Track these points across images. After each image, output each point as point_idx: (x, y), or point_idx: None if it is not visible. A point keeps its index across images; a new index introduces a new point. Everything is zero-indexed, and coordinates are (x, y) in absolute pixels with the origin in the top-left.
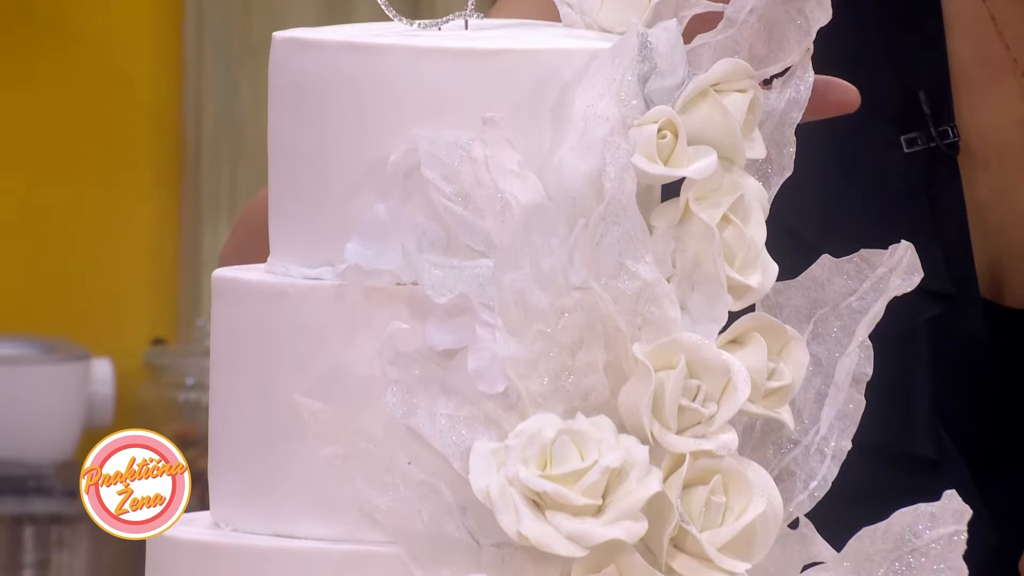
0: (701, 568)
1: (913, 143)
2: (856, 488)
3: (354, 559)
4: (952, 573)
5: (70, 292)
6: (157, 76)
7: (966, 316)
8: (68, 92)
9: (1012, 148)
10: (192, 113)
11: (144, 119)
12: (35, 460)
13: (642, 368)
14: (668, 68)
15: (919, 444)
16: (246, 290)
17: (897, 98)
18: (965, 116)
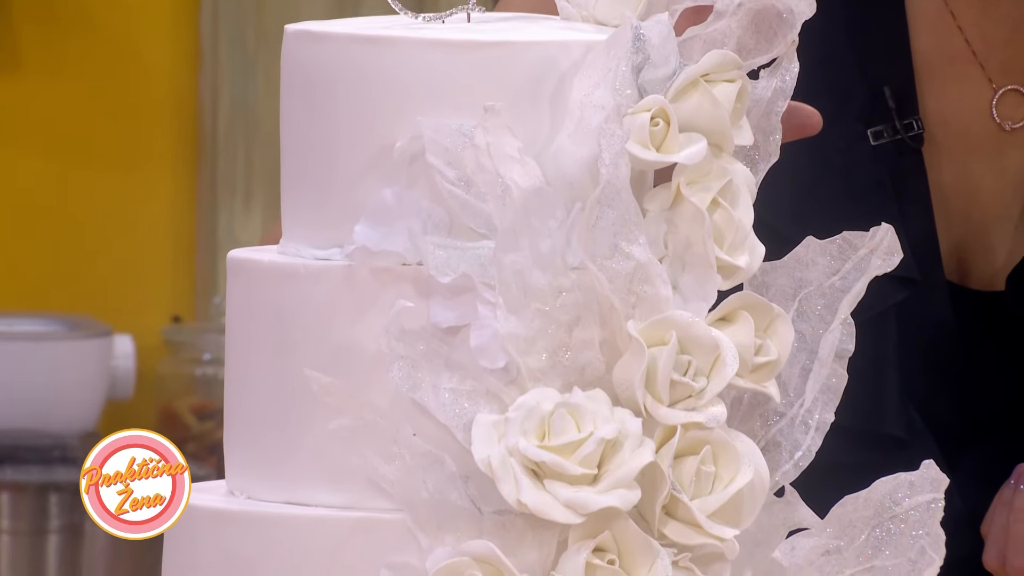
0: (692, 534)
1: (879, 136)
2: (829, 464)
3: (362, 526)
4: (930, 539)
5: (94, 272)
6: (175, 67)
7: (932, 300)
8: (92, 83)
9: (975, 136)
10: (208, 101)
11: (163, 107)
12: (60, 431)
13: (636, 344)
14: (660, 59)
15: (889, 425)
16: (259, 270)
17: (863, 94)
18: (930, 107)
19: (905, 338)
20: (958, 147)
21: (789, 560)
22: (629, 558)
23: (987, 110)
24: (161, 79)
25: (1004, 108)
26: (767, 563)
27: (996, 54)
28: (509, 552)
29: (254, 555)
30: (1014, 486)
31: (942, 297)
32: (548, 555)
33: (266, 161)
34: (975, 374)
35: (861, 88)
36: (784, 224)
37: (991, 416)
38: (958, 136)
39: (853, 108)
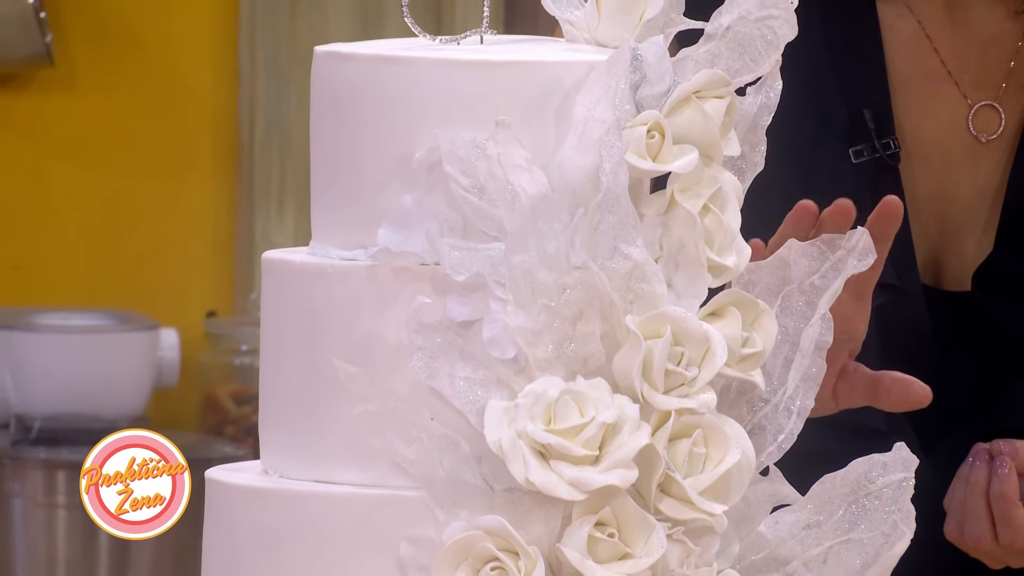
0: (684, 509)
1: (860, 155)
2: (814, 453)
3: (384, 502)
4: (901, 514)
5: (142, 271)
6: (216, 85)
7: (909, 303)
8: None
9: (952, 149)
10: (246, 117)
11: (205, 122)
12: (111, 415)
13: (634, 337)
14: (656, 77)
15: (870, 417)
16: (291, 269)
17: (844, 116)
18: (909, 123)
19: (885, 337)
20: (936, 160)
21: (773, 533)
22: (627, 532)
23: (964, 124)
24: (203, 96)
25: (979, 122)
26: (753, 536)
27: (969, 72)
28: (518, 526)
29: (286, 528)
30: (971, 463)
31: (917, 300)
32: (554, 529)
33: (298, 171)
34: (948, 368)
35: (843, 111)
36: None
37: (963, 406)
38: (936, 149)
39: (835, 130)
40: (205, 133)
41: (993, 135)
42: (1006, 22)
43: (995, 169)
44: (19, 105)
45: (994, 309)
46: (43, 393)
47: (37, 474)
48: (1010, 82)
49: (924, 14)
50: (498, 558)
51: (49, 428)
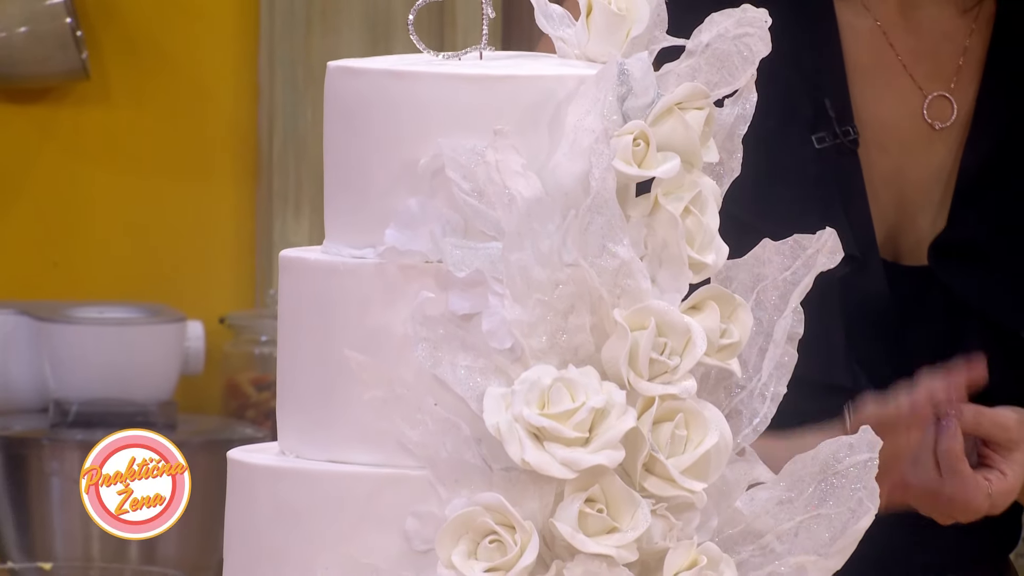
0: (667, 487)
1: (822, 140)
2: (794, 411)
3: (391, 480)
4: (867, 492)
5: (170, 268)
6: (237, 98)
7: (870, 275)
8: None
9: (908, 135)
10: (265, 127)
11: (227, 132)
12: (142, 400)
13: (621, 329)
14: (641, 90)
15: (837, 375)
16: (306, 267)
17: (807, 106)
18: (867, 112)
19: (850, 308)
20: (893, 145)
21: (749, 509)
22: (615, 508)
23: (919, 113)
24: (226, 109)
25: (933, 111)
26: (730, 511)
27: (923, 66)
28: (515, 502)
29: (302, 504)
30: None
31: (878, 273)
32: (547, 505)
33: (313, 177)
34: (908, 337)
35: (806, 101)
36: (747, 213)
37: (921, 370)
38: (893, 136)
39: (799, 119)
40: (227, 142)
41: (946, 123)
42: (956, 19)
43: (948, 154)
44: (57, 116)
45: (950, 279)
46: (79, 380)
47: (74, 454)
48: (961, 75)
49: (880, 12)
50: (496, 532)
51: (85, 412)
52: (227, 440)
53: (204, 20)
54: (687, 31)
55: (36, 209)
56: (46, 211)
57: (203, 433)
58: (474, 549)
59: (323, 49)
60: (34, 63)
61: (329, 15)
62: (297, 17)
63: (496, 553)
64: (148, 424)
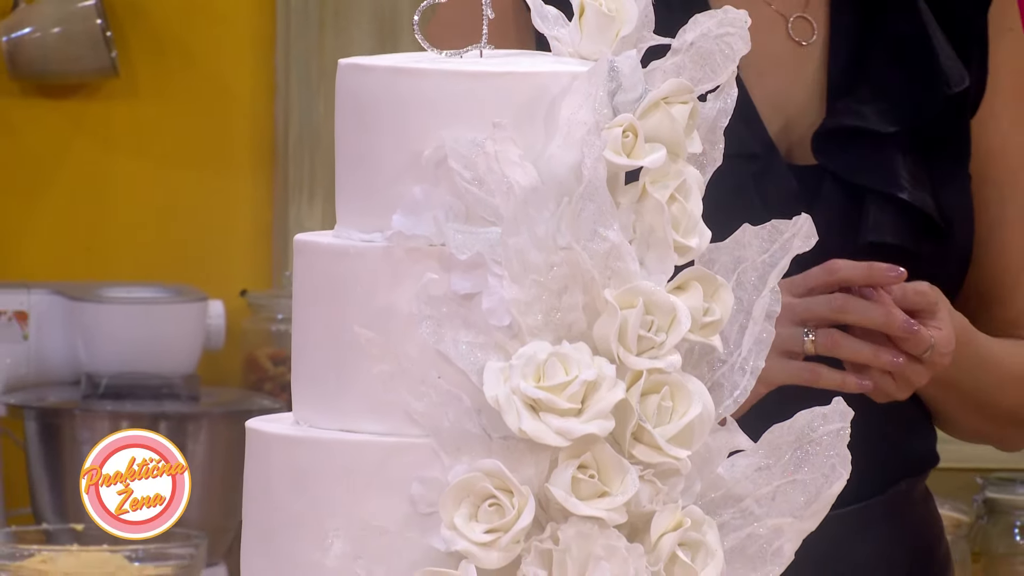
0: (654, 454)
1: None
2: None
3: (398, 448)
4: (839, 458)
5: (193, 251)
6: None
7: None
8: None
9: (779, 56)
10: (281, 121)
11: (246, 125)
12: (167, 373)
13: (611, 307)
14: (630, 86)
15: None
16: (319, 250)
17: None
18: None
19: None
20: (768, 66)
21: (730, 475)
22: (605, 473)
23: (785, 34)
24: (245, 104)
25: (797, 31)
26: (713, 477)
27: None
28: (512, 469)
29: (315, 470)
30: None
31: (783, 171)
32: (543, 471)
33: (325, 167)
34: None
35: None
36: None
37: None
38: (768, 59)
39: None
40: (246, 134)
41: (810, 40)
42: None
43: (817, 67)
44: (88, 110)
45: (833, 163)
46: (109, 355)
47: (104, 424)
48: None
49: None
50: (495, 496)
51: (114, 385)
52: (246, 411)
53: (224, 22)
54: (672, 31)
55: (69, 197)
56: (78, 199)
57: (224, 404)
58: (475, 512)
59: (334, 48)
60: (67, 61)
61: (340, 17)
62: (311, 19)
63: (495, 516)
64: (172, 396)
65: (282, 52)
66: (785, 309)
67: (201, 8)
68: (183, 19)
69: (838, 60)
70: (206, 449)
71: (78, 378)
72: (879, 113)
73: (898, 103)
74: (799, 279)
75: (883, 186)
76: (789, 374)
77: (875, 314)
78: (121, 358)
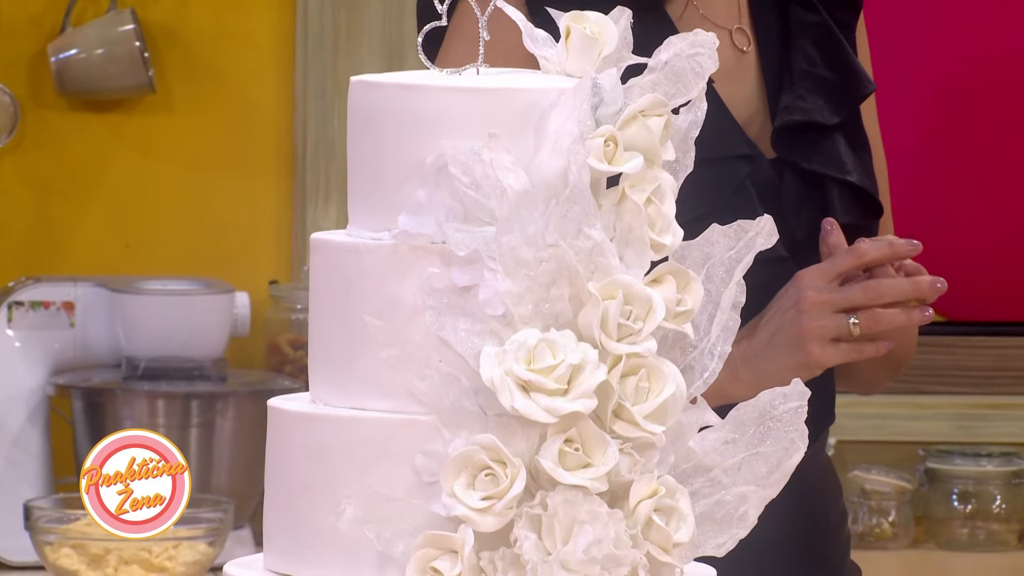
0: (632, 430)
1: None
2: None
3: (403, 424)
4: (797, 433)
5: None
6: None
7: (761, 167)
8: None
9: (726, 63)
10: (300, 132)
11: (268, 136)
12: (199, 357)
13: (594, 298)
14: (611, 100)
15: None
16: (332, 247)
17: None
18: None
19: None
20: (722, 76)
21: (700, 447)
22: (589, 447)
23: (729, 43)
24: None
25: (738, 40)
26: (685, 450)
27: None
28: (506, 442)
29: (329, 444)
30: None
31: (766, 165)
32: (533, 444)
33: (339, 173)
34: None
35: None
36: None
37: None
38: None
39: None
40: (269, 144)
41: (748, 47)
42: None
43: (756, 72)
44: (129, 123)
45: (792, 154)
46: (147, 341)
47: (142, 402)
48: (742, 12)
49: None
50: (490, 467)
51: (151, 367)
52: (268, 390)
53: (250, 44)
54: (649, 51)
55: (111, 200)
56: (120, 201)
57: (249, 385)
58: (472, 481)
59: (347, 67)
60: (109, 79)
61: (352, 40)
62: (325, 42)
63: (490, 484)
64: (203, 378)
65: (300, 71)
66: (827, 304)
67: (229, 32)
68: (213, 42)
69: (771, 63)
70: (233, 425)
71: (119, 361)
72: (819, 108)
73: (830, 98)
74: (828, 266)
75: (836, 171)
76: (840, 355)
77: (906, 287)
78: (157, 343)
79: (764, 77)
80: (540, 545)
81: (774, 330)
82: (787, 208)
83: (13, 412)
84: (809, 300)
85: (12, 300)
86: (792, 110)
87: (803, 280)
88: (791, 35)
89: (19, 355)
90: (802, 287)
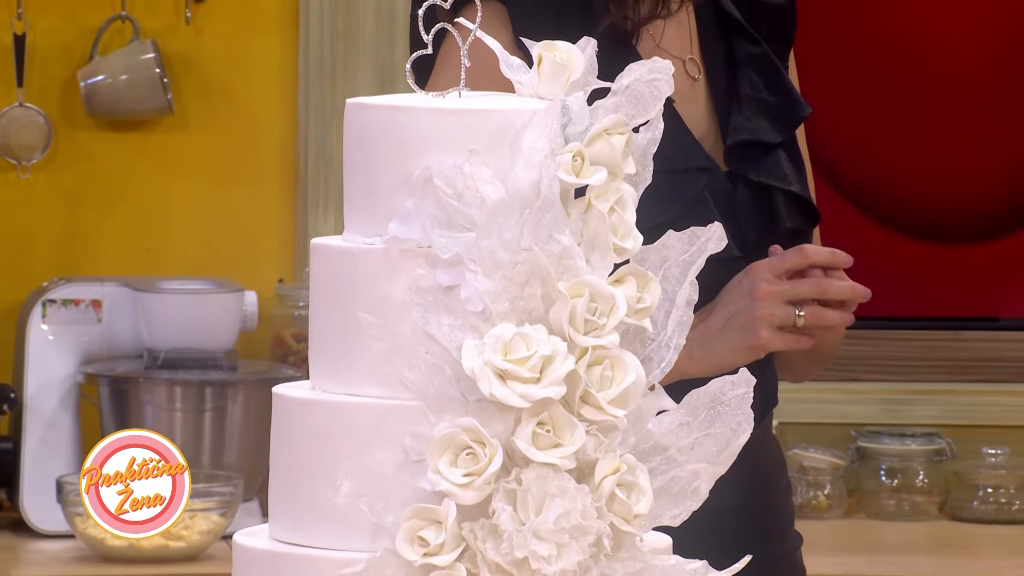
0: (597, 414)
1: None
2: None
3: (394, 409)
4: (744, 417)
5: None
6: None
7: (717, 178)
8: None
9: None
10: (303, 148)
11: (274, 152)
12: (212, 349)
13: (563, 297)
14: (578, 120)
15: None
16: (331, 251)
17: None
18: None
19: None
20: (678, 101)
21: (657, 429)
22: (559, 429)
23: (683, 72)
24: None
25: (690, 69)
26: (644, 431)
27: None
28: (485, 425)
29: (328, 427)
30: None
31: (721, 177)
32: (509, 427)
33: (337, 186)
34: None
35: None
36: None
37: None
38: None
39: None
40: (274, 159)
41: (698, 76)
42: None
43: (706, 97)
44: (150, 141)
45: (742, 168)
46: (166, 334)
47: (162, 389)
48: (693, 44)
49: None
50: (471, 447)
51: (170, 358)
52: (274, 379)
53: (258, 70)
54: (612, 76)
55: (134, 209)
56: (142, 211)
57: (256, 373)
58: (455, 459)
59: (344, 90)
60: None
61: (348, 66)
62: (325, 67)
63: (471, 462)
64: (216, 367)
65: (303, 94)
66: (779, 294)
67: (239, 59)
68: (224, 68)
69: (719, 88)
70: (242, 409)
71: (141, 353)
72: (763, 128)
73: (773, 120)
74: (777, 261)
75: (781, 183)
76: (784, 342)
77: (846, 289)
78: (175, 337)
79: (713, 101)
80: (515, 516)
81: (729, 315)
82: (740, 214)
83: (47, 398)
84: (763, 290)
85: (46, 298)
86: (741, 130)
87: (756, 272)
88: (737, 64)
89: (52, 347)
90: (756, 278)
